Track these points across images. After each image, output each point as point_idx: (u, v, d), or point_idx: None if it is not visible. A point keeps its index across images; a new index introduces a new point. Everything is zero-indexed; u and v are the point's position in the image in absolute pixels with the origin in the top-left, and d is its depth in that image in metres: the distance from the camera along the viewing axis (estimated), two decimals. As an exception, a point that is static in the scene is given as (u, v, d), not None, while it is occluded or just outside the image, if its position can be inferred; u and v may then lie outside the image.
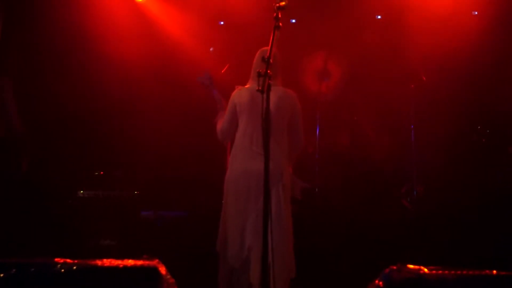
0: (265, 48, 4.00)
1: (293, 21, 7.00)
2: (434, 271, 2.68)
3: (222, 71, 6.65)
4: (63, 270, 2.69)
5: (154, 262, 2.79)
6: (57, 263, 2.72)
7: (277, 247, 3.80)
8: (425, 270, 2.69)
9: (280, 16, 3.58)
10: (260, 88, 3.37)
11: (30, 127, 6.43)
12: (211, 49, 7.44)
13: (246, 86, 4.37)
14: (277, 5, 3.58)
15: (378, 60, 7.09)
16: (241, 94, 4.32)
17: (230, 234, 4.13)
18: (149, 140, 6.81)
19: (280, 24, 3.55)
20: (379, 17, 7.40)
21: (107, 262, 2.78)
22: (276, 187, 4.08)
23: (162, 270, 2.77)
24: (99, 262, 2.79)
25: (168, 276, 2.82)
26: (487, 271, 2.72)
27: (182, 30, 7.23)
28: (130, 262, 2.77)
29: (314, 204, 6.12)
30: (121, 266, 2.74)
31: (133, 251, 5.63)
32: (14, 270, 2.68)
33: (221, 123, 4.43)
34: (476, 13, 7.08)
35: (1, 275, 2.66)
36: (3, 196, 5.91)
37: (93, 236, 5.77)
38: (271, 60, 3.44)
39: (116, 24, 6.95)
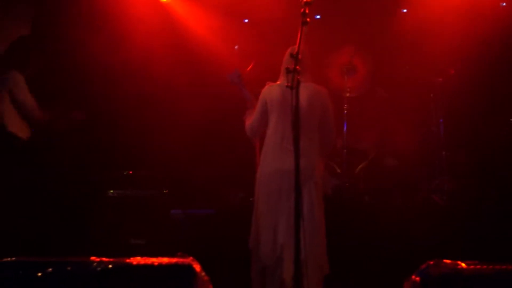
0: (305, 51, 4.02)
1: (318, 16, 6.96)
2: (472, 266, 2.65)
3: (248, 69, 6.66)
4: (99, 269, 2.73)
5: (189, 260, 2.81)
6: (93, 261, 2.75)
7: (310, 244, 3.79)
8: (463, 265, 2.66)
9: (307, 11, 3.56)
10: (289, 84, 3.36)
11: (57, 127, 6.53)
12: (236, 47, 7.44)
13: (277, 83, 4.36)
14: (305, 0, 3.56)
15: (405, 54, 7.02)
16: (271, 90, 4.32)
17: (262, 232, 4.14)
18: (177, 139, 6.83)
19: (308, 19, 3.52)
20: (405, 10, 7.31)
21: (142, 260, 2.81)
22: (308, 184, 4.08)
23: (197, 267, 2.79)
24: (134, 261, 2.82)
25: (203, 274, 2.84)
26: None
27: (207, 29, 7.24)
28: (165, 260, 2.79)
29: (345, 201, 6.08)
30: (156, 264, 2.77)
31: (163, 249, 5.66)
32: (51, 269, 2.72)
33: (250, 120, 4.43)
34: (504, 4, 6.97)
35: (39, 274, 2.70)
36: (34, 197, 6.01)
37: (123, 236, 5.82)
38: (299, 56, 3.43)
39: (141, 24, 6.99)
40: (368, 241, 5.25)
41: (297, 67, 3.35)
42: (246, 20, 7.61)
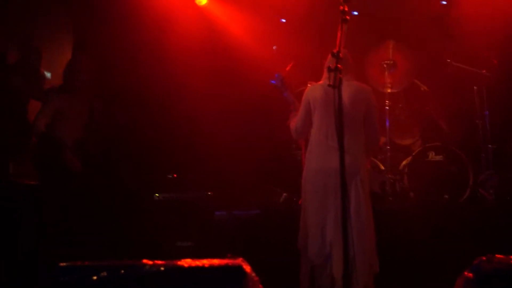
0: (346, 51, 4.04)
1: (355, 13, 6.91)
2: (526, 261, 2.60)
3: (287, 69, 6.66)
4: (151, 272, 2.77)
5: (239, 261, 2.83)
6: (146, 264, 2.80)
7: (358, 241, 3.80)
8: (517, 260, 2.61)
9: (346, 9, 3.55)
10: (331, 83, 3.36)
11: (103, 132, 6.66)
12: (274, 47, 7.45)
13: (320, 82, 4.37)
14: (344, -3, 3.55)
15: (446, 46, 6.91)
16: (314, 90, 4.34)
17: (311, 231, 4.16)
18: (220, 141, 6.89)
19: (348, 17, 3.52)
20: (444, 2, 7.19)
21: (192, 262, 2.85)
22: (355, 182, 4.08)
23: (247, 268, 2.81)
24: (185, 263, 2.85)
25: (253, 274, 2.86)
26: None
27: (245, 30, 7.27)
28: (215, 261, 2.82)
29: (392, 197, 6.03)
30: (206, 265, 2.80)
31: (209, 251, 5.72)
32: (105, 272, 2.78)
33: (295, 122, 4.46)
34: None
35: (94, 278, 2.77)
36: (82, 202, 6.15)
37: (169, 238, 5.90)
38: (341, 54, 3.42)
39: (179, 28, 7.07)
40: (416, 238, 5.19)
41: (339, 65, 3.35)
42: (284, 20, 7.61)
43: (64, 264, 2.86)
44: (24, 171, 6.19)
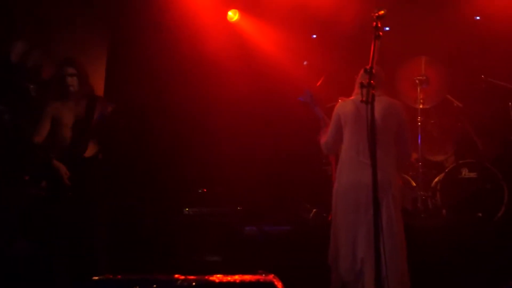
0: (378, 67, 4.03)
1: (387, 28, 6.88)
2: None
3: (317, 84, 6.66)
4: (183, 286, 2.78)
5: (270, 277, 2.82)
6: (178, 279, 2.81)
7: (390, 259, 3.74)
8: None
9: (379, 25, 3.54)
10: (364, 99, 3.34)
11: (133, 147, 6.73)
12: (304, 62, 7.46)
13: (351, 98, 4.37)
14: (377, 14, 3.54)
15: (479, 62, 6.83)
16: (345, 105, 4.34)
17: (341, 247, 4.13)
18: (249, 156, 6.91)
19: (381, 33, 3.51)
20: (477, 17, 7.12)
21: (224, 278, 2.85)
22: (386, 198, 4.05)
23: (279, 285, 2.80)
24: (216, 278, 2.85)
25: (284, 291, 2.84)
26: None
27: (276, 46, 7.31)
28: (246, 277, 2.82)
29: (424, 214, 5.94)
30: (238, 281, 2.80)
31: (238, 266, 5.71)
32: (138, 287, 2.80)
33: (325, 137, 4.45)
34: None
35: (127, 291, 2.79)
36: (112, 215, 6.20)
37: (198, 253, 5.90)
38: (373, 71, 3.41)
39: (211, 44, 7.14)
40: (448, 256, 5.10)
41: (372, 81, 3.34)
42: (315, 36, 7.63)
43: (97, 277, 2.88)
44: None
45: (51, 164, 4.89)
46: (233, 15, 7.51)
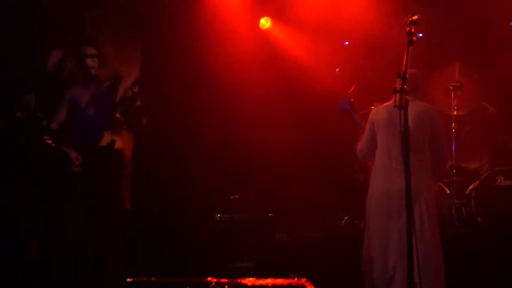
0: (412, 70, 4.05)
1: (420, 35, 6.83)
2: None
3: (349, 91, 6.64)
4: (216, 289, 2.81)
5: (303, 281, 2.83)
6: (211, 282, 2.84)
7: (423, 265, 3.70)
8: None
9: (413, 30, 3.52)
10: (397, 104, 3.33)
11: (165, 153, 6.80)
12: (337, 69, 7.45)
13: (385, 104, 4.36)
14: (410, 19, 3.53)
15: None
16: (378, 111, 4.34)
17: (374, 254, 4.11)
18: (281, 162, 6.92)
19: (414, 38, 3.49)
20: (512, 23, 7.03)
21: (256, 281, 2.87)
22: (419, 203, 4.02)
23: (311, 288, 2.80)
24: (248, 281, 2.87)
25: (317, 295, 2.84)
26: None
27: (308, 53, 7.31)
28: (279, 281, 2.83)
29: (458, 222, 5.86)
30: (270, 285, 2.81)
31: (269, 273, 5.71)
32: (171, 289, 2.83)
33: (360, 144, 4.45)
34: None
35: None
36: (147, 219, 6.28)
37: (230, 259, 5.93)
38: (407, 75, 3.40)
39: (243, 51, 7.18)
40: (483, 265, 5.02)
41: (405, 86, 3.32)
42: (347, 43, 7.62)
43: (132, 279, 2.92)
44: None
45: (60, 150, 4.48)
46: (265, 22, 7.54)
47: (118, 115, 4.72)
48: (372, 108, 4.62)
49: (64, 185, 4.52)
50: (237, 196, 6.76)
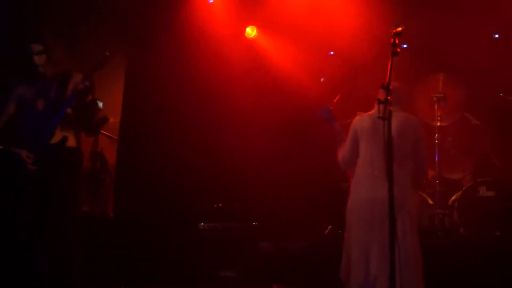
0: (396, 83, 4.08)
1: (405, 46, 6.89)
2: None
3: (334, 101, 6.67)
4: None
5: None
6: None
7: (404, 276, 3.72)
8: None
9: (397, 42, 3.55)
10: (381, 114, 3.35)
11: (149, 160, 6.76)
12: (322, 79, 7.49)
13: (368, 113, 4.37)
14: (394, 31, 3.56)
15: (497, 79, 6.79)
16: (362, 120, 4.37)
17: (354, 263, 4.12)
18: (265, 172, 6.92)
19: (398, 50, 3.52)
20: (496, 36, 7.10)
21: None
22: (401, 214, 4.02)
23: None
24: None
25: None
26: None
27: (293, 62, 7.34)
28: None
29: (441, 233, 5.89)
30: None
31: (253, 282, 5.71)
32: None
33: (342, 152, 4.45)
34: None
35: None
36: (128, 228, 6.24)
37: (213, 267, 5.91)
38: (390, 87, 3.42)
39: (228, 60, 7.20)
40: (466, 275, 5.04)
41: (389, 97, 3.34)
42: (332, 52, 7.66)
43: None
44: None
45: (8, 150, 4.17)
46: (251, 31, 7.58)
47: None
48: (355, 117, 4.62)
49: (14, 187, 4.22)
50: (221, 205, 6.75)
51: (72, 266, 4.12)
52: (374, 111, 4.29)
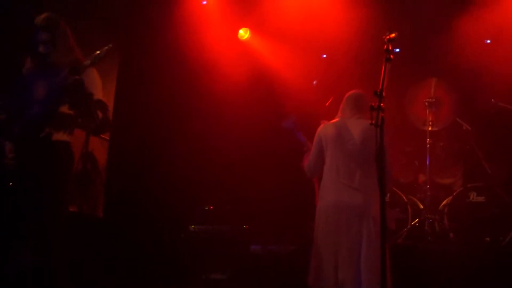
0: (354, 92, 4.41)
1: (397, 50, 6.90)
2: None
3: (327, 104, 6.67)
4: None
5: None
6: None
7: (370, 280, 3.79)
8: None
9: (390, 48, 3.54)
10: (373, 121, 3.35)
11: (139, 161, 6.73)
12: (314, 82, 7.49)
13: (332, 121, 4.43)
14: (388, 37, 3.55)
15: (489, 85, 6.82)
16: (327, 128, 4.45)
17: (322, 268, 4.20)
18: (257, 175, 6.91)
19: (392, 56, 3.51)
20: (488, 41, 7.13)
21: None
22: (366, 220, 4.10)
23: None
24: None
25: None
26: None
27: (286, 65, 7.34)
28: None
29: (431, 237, 5.90)
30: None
31: (243, 285, 5.70)
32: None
33: (307, 160, 4.55)
34: None
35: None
36: (117, 231, 6.21)
37: (203, 270, 5.89)
38: (383, 93, 3.41)
39: (221, 62, 7.18)
40: (455, 280, 5.06)
41: (382, 104, 3.34)
42: (325, 56, 7.66)
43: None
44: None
45: None
46: (244, 33, 7.56)
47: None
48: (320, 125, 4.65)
49: None
50: (211, 207, 6.73)
51: (56, 266, 3.93)
52: (338, 119, 4.43)
